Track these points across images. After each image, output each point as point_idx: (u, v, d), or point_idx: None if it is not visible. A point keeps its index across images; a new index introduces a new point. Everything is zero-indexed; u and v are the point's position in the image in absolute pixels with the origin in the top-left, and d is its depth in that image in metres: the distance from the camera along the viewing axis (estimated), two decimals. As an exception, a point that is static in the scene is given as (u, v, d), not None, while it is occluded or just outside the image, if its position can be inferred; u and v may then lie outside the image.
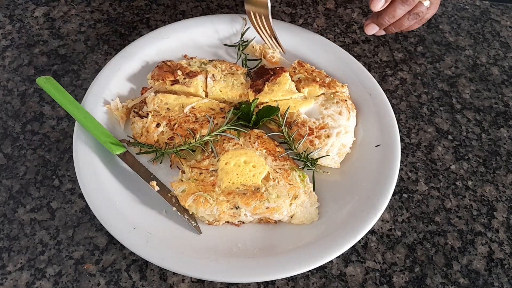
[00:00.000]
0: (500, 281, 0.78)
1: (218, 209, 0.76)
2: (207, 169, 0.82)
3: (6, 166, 0.86)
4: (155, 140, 0.86)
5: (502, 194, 0.89)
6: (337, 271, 0.77)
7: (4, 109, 0.94)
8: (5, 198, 0.82)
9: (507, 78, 1.09)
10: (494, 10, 1.23)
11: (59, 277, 0.73)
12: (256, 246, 0.75)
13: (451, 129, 0.98)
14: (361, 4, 1.22)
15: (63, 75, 1.00)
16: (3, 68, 1.01)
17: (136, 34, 1.10)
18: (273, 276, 0.70)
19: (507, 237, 0.83)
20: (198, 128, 0.86)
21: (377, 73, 1.07)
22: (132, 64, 0.97)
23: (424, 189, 0.88)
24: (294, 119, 0.89)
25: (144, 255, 0.70)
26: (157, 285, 0.73)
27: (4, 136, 0.90)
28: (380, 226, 0.82)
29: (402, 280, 0.76)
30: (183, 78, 0.93)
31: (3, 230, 0.78)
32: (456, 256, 0.80)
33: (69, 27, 1.10)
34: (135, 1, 1.17)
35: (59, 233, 0.78)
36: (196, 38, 1.04)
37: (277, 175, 0.81)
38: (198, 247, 0.74)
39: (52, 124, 0.92)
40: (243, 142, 0.86)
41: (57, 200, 0.82)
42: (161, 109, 0.88)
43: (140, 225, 0.74)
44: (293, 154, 0.87)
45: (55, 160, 0.87)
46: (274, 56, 1.02)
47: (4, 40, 1.06)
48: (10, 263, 0.74)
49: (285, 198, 0.78)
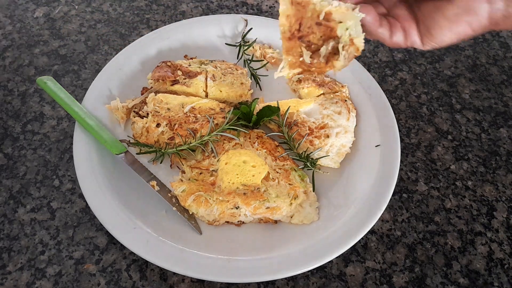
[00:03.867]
0: (500, 281, 0.78)
1: (218, 209, 0.77)
2: (207, 169, 0.82)
3: (7, 166, 0.86)
4: (155, 140, 0.86)
5: (502, 194, 0.89)
6: (337, 271, 0.77)
7: (5, 109, 0.94)
8: (6, 198, 0.82)
9: (507, 78, 1.09)
10: (494, 10, 1.23)
11: (59, 277, 0.73)
12: (256, 246, 0.75)
13: (451, 129, 0.98)
14: (361, 5, 1.22)
15: (64, 75, 1.00)
16: (4, 68, 1.01)
17: (136, 34, 1.10)
18: (273, 276, 0.70)
19: (507, 237, 0.83)
20: (198, 128, 0.86)
21: (377, 73, 1.07)
22: (132, 64, 0.97)
23: (424, 189, 0.88)
24: (294, 119, 0.89)
25: (144, 255, 0.70)
26: (157, 285, 0.73)
27: (4, 136, 0.90)
28: (380, 226, 0.83)
29: (402, 280, 0.76)
30: (183, 78, 0.93)
31: (4, 230, 0.78)
32: (456, 256, 0.80)
33: (69, 27, 1.10)
34: (135, 2, 1.18)
35: (59, 233, 0.78)
36: (196, 39, 1.04)
37: (277, 175, 0.81)
38: (198, 247, 0.74)
39: (52, 124, 0.92)
40: (243, 142, 0.86)
41: (57, 200, 0.82)
42: (161, 109, 0.88)
43: (140, 225, 0.74)
44: (293, 154, 0.87)
45: (55, 160, 0.87)
46: (274, 56, 1.02)
47: (4, 40, 1.06)
48: (10, 263, 0.74)
49: (285, 198, 0.78)
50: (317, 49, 0.60)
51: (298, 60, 0.60)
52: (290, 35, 0.59)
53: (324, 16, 0.56)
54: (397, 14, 0.63)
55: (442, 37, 0.59)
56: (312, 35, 0.59)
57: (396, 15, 0.63)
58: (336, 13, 0.56)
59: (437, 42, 0.60)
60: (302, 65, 0.61)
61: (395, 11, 0.63)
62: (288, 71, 0.62)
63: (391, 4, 0.64)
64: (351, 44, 0.57)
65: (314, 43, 0.59)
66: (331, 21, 0.57)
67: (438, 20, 0.58)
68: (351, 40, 0.57)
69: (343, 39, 0.57)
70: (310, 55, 0.60)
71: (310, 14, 0.57)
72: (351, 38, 0.57)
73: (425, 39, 0.61)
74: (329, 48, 0.59)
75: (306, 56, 0.60)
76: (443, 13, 0.58)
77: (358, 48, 0.58)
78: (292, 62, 0.61)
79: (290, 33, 0.58)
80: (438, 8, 0.58)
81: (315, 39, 0.59)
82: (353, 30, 0.57)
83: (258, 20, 1.06)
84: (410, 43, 0.62)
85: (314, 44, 0.60)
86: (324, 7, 0.56)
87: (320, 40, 0.59)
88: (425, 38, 0.61)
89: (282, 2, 0.57)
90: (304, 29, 0.58)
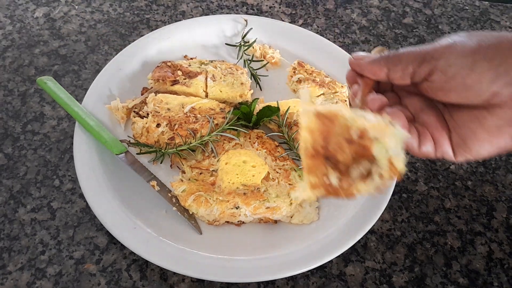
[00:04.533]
0: (500, 281, 0.78)
1: (218, 209, 0.77)
2: (207, 169, 0.82)
3: (7, 166, 0.86)
4: (156, 140, 0.86)
5: (502, 194, 0.89)
6: (336, 271, 0.77)
7: (5, 109, 0.94)
8: (6, 198, 0.82)
9: (507, 78, 1.09)
10: (494, 10, 1.23)
11: (60, 277, 0.73)
12: (256, 246, 0.76)
13: (451, 129, 0.98)
14: (361, 5, 1.22)
15: (64, 75, 1.01)
16: (4, 69, 1.01)
17: (137, 34, 1.10)
18: (273, 276, 0.70)
19: (507, 237, 0.83)
20: (198, 128, 0.86)
21: (377, 73, 1.07)
22: (133, 64, 0.97)
23: (423, 189, 0.88)
24: (294, 119, 0.89)
25: (144, 255, 0.70)
26: (157, 285, 0.73)
27: (4, 136, 0.90)
28: (379, 226, 0.83)
29: (401, 280, 0.77)
30: (183, 78, 0.93)
31: (4, 230, 0.78)
32: (456, 256, 0.80)
33: (69, 27, 1.10)
34: (135, 2, 1.18)
35: (59, 233, 0.78)
36: (196, 39, 1.04)
37: (277, 175, 0.82)
38: (198, 247, 0.74)
39: (52, 124, 0.92)
40: (243, 142, 0.86)
41: (58, 200, 0.82)
42: (162, 109, 0.88)
43: (140, 225, 0.74)
44: (293, 154, 0.87)
45: (56, 160, 0.87)
46: (274, 56, 1.02)
47: (4, 40, 1.06)
48: (10, 263, 0.74)
49: (285, 198, 0.78)
50: (346, 169, 0.50)
51: (322, 181, 0.50)
52: (314, 152, 0.49)
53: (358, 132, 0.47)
54: (424, 120, 0.55)
55: (480, 150, 0.51)
56: (341, 154, 0.49)
57: (423, 122, 0.55)
58: (372, 130, 0.47)
59: (474, 155, 0.52)
60: (327, 186, 0.50)
61: (422, 117, 0.55)
62: (309, 193, 0.51)
63: (417, 109, 0.56)
64: (389, 167, 0.47)
65: (343, 163, 0.49)
66: (366, 139, 0.47)
67: (476, 132, 0.50)
68: (389, 161, 0.47)
69: (381, 162, 0.47)
70: (338, 177, 0.50)
71: (340, 130, 0.47)
72: (390, 159, 0.47)
73: (459, 151, 0.53)
74: (363, 171, 0.49)
75: (333, 178, 0.50)
76: (482, 124, 0.50)
77: (397, 171, 0.47)
78: (314, 183, 0.50)
79: (314, 151, 0.49)
80: (476, 118, 0.50)
81: (345, 159, 0.49)
82: (393, 150, 0.46)
83: (258, 20, 1.06)
84: (440, 154, 0.54)
85: (343, 163, 0.49)
86: (359, 122, 0.47)
87: (351, 160, 0.49)
88: (459, 150, 0.53)
89: (304, 114, 0.48)
90: (331, 146, 0.48)
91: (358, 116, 0.47)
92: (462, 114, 0.52)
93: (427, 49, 0.51)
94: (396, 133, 0.46)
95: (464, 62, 0.48)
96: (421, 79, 0.52)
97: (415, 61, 0.51)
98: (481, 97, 0.48)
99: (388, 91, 0.59)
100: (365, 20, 1.18)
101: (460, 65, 0.48)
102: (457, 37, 0.50)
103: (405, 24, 1.18)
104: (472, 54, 0.48)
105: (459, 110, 0.52)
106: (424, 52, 0.51)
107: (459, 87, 0.49)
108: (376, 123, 0.46)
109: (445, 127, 0.54)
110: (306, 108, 0.48)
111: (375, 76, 0.54)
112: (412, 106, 0.57)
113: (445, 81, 0.50)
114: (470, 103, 0.50)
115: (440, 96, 0.52)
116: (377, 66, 0.53)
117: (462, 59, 0.48)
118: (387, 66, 0.53)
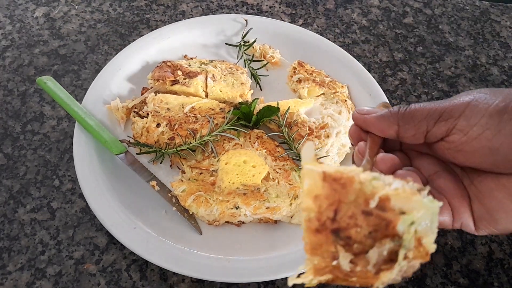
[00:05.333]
0: (500, 281, 0.78)
1: (218, 209, 0.77)
2: (207, 169, 0.82)
3: (7, 166, 0.86)
4: (155, 140, 0.86)
5: (502, 194, 0.89)
6: (337, 271, 0.77)
7: (5, 109, 0.94)
8: (6, 198, 0.82)
9: (507, 78, 1.09)
10: (494, 10, 1.23)
11: (59, 277, 0.73)
12: (256, 246, 0.76)
13: (451, 129, 0.98)
14: (361, 5, 1.22)
15: (63, 75, 1.00)
16: (4, 68, 1.01)
17: (136, 34, 1.10)
18: (273, 276, 0.70)
19: (507, 237, 0.83)
20: (198, 128, 0.86)
21: (377, 73, 1.07)
22: (132, 64, 0.97)
23: (424, 189, 0.88)
24: (294, 119, 0.89)
25: (144, 255, 0.70)
26: (157, 285, 0.73)
27: (4, 136, 0.90)
28: (380, 226, 0.82)
29: (402, 280, 0.76)
30: (183, 78, 0.93)
31: (4, 230, 0.78)
32: (456, 256, 0.80)
33: (69, 27, 1.10)
34: (135, 2, 1.18)
35: (59, 233, 0.78)
36: (196, 39, 1.04)
37: (277, 175, 0.81)
38: (198, 247, 0.74)
39: (52, 124, 0.92)
40: (243, 142, 0.86)
41: (57, 200, 0.82)
42: (161, 109, 0.88)
43: (140, 225, 0.74)
44: (293, 154, 0.87)
45: (55, 160, 0.87)
46: (274, 56, 1.02)
47: (4, 40, 1.06)
48: (10, 263, 0.74)
49: (285, 198, 0.78)
50: (362, 249, 0.38)
51: (330, 264, 0.38)
52: (319, 225, 0.37)
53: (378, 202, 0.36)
54: (440, 186, 0.48)
55: (509, 224, 0.44)
56: (355, 229, 0.37)
57: (439, 187, 0.48)
58: (396, 199, 0.36)
59: (500, 228, 0.45)
60: (335, 271, 0.38)
61: (438, 182, 0.48)
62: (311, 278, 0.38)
63: (431, 172, 0.49)
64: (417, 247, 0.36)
65: (357, 240, 0.37)
66: (388, 211, 0.36)
67: (503, 202, 0.43)
68: (417, 241, 0.36)
69: (407, 241, 0.36)
70: (350, 259, 0.38)
71: (354, 198, 0.37)
72: (418, 237, 0.36)
73: (482, 223, 0.46)
74: (384, 253, 0.37)
75: (344, 261, 0.38)
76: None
77: (427, 252, 0.37)
78: (319, 266, 0.38)
79: (319, 223, 0.37)
80: (503, 186, 0.44)
81: (360, 236, 0.37)
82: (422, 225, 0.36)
83: (258, 20, 1.06)
84: (458, 225, 0.47)
85: (358, 242, 0.37)
86: (379, 188, 0.36)
87: (368, 238, 0.37)
88: (482, 222, 0.46)
89: (307, 175, 0.37)
90: (342, 218, 0.37)
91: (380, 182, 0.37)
92: (486, 181, 0.45)
93: (444, 105, 0.45)
94: (428, 203, 0.36)
95: (490, 122, 0.42)
96: (436, 139, 0.46)
97: (431, 119, 0.45)
98: (510, 163, 0.42)
99: (396, 151, 0.52)
100: (365, 20, 1.18)
101: (485, 126, 0.42)
102: (478, 94, 0.44)
103: (405, 24, 1.18)
104: (498, 114, 0.42)
105: (482, 176, 0.46)
106: (441, 109, 0.45)
107: (483, 150, 0.43)
108: (402, 189, 0.36)
109: (465, 194, 0.47)
110: (310, 168, 0.37)
111: (383, 134, 0.49)
112: (425, 169, 0.50)
113: (466, 142, 0.43)
114: (496, 169, 0.44)
115: (459, 159, 0.46)
116: (386, 123, 0.48)
117: (487, 118, 0.42)
118: (398, 123, 0.47)
